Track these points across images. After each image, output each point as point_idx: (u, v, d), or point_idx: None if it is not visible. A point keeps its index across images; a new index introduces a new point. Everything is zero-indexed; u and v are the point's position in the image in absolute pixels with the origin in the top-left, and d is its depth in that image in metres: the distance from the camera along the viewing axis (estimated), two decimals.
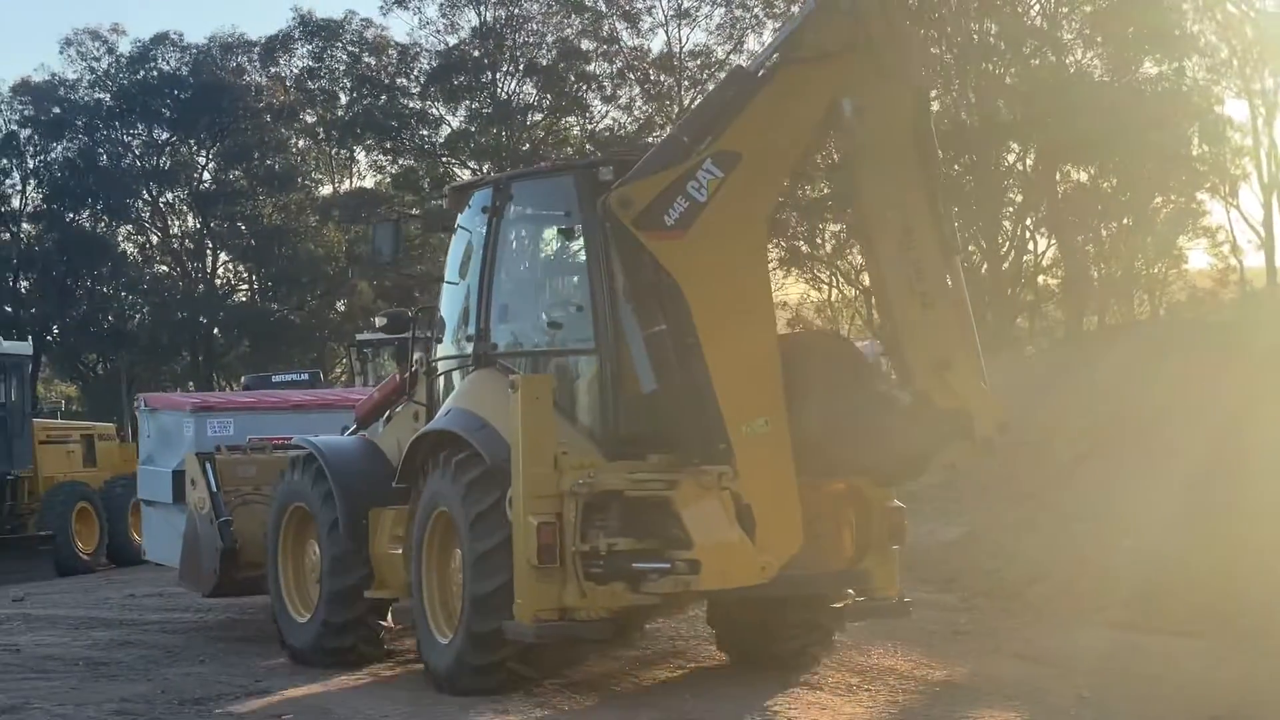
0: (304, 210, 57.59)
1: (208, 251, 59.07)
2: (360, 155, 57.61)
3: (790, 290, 51.43)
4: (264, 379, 28.77)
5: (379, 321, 13.03)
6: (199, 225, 58.72)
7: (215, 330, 58.06)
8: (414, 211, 46.15)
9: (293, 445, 13.46)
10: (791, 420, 10.15)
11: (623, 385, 10.55)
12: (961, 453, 10.35)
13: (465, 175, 51.11)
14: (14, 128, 56.53)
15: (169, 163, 57.72)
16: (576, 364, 10.90)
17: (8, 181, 56.90)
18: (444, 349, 11.93)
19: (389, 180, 55.55)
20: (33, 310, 55.27)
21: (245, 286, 60.34)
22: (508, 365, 11.02)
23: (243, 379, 34.91)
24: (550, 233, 11.67)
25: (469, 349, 11.40)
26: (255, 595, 14.16)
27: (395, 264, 11.89)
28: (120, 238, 58.79)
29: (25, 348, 27.23)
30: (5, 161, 56.55)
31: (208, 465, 14.13)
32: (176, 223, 59.79)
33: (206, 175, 58.59)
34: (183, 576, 14.58)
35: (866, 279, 41.25)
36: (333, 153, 59.09)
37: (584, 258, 10.87)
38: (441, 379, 11.98)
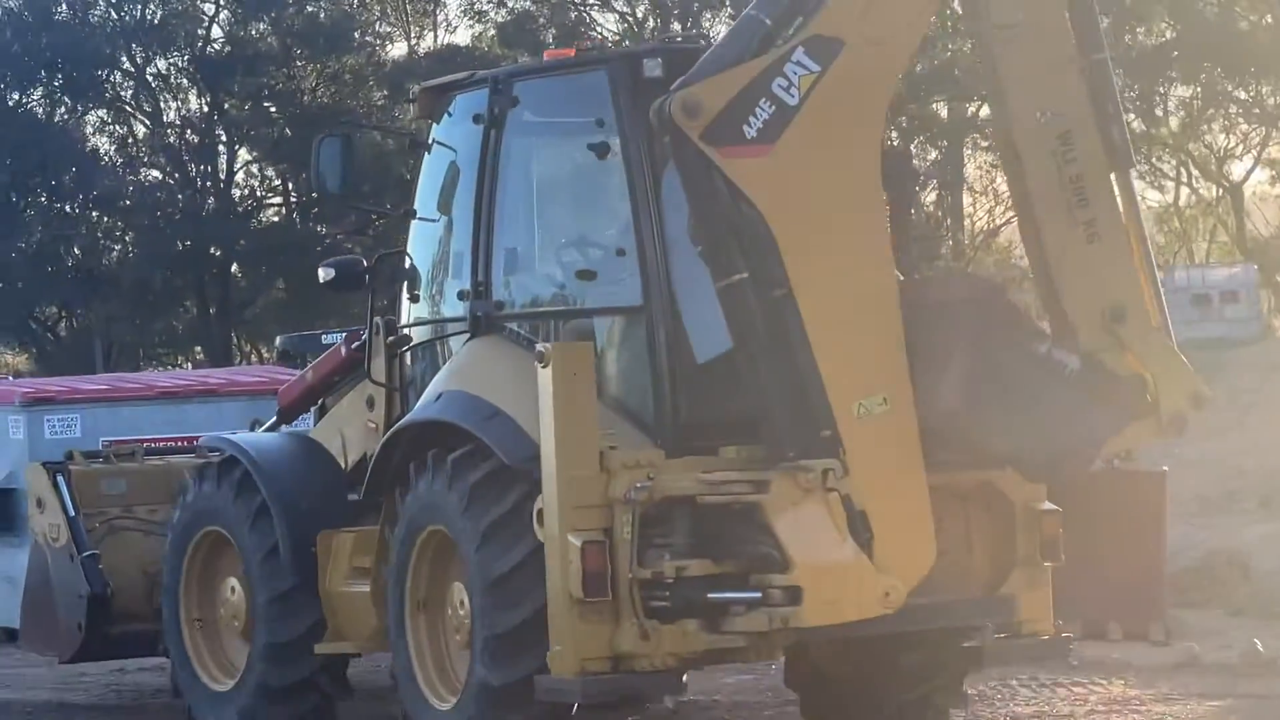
0: (364, 83, 48.46)
1: (220, 148, 49.27)
2: None
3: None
4: (310, 339, 26.06)
5: (323, 274, 11.83)
6: (206, 108, 48.95)
7: (234, 268, 49.38)
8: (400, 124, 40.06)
9: (182, 449, 13.04)
10: (919, 396, 9.20)
11: (683, 355, 9.59)
12: (1141, 435, 9.65)
13: (610, 26, 45.89)
14: None
15: (159, 13, 46.83)
16: (618, 328, 9.95)
17: None
18: (419, 310, 10.96)
19: (493, 35, 48.14)
20: None
21: (277, 200, 51.23)
22: (522, 331, 10.13)
23: (277, 341, 31.30)
24: (576, 150, 10.55)
25: (462, 310, 10.44)
26: (137, 657, 13.20)
27: (346, 195, 11.25)
28: (89, 129, 49.39)
29: None
30: None
31: (60, 479, 12.78)
32: (173, 105, 49.58)
33: (216, 31, 48.62)
34: (27, 637, 13.30)
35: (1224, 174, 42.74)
36: None
37: (626, 184, 9.77)
38: (414, 352, 11.01)
